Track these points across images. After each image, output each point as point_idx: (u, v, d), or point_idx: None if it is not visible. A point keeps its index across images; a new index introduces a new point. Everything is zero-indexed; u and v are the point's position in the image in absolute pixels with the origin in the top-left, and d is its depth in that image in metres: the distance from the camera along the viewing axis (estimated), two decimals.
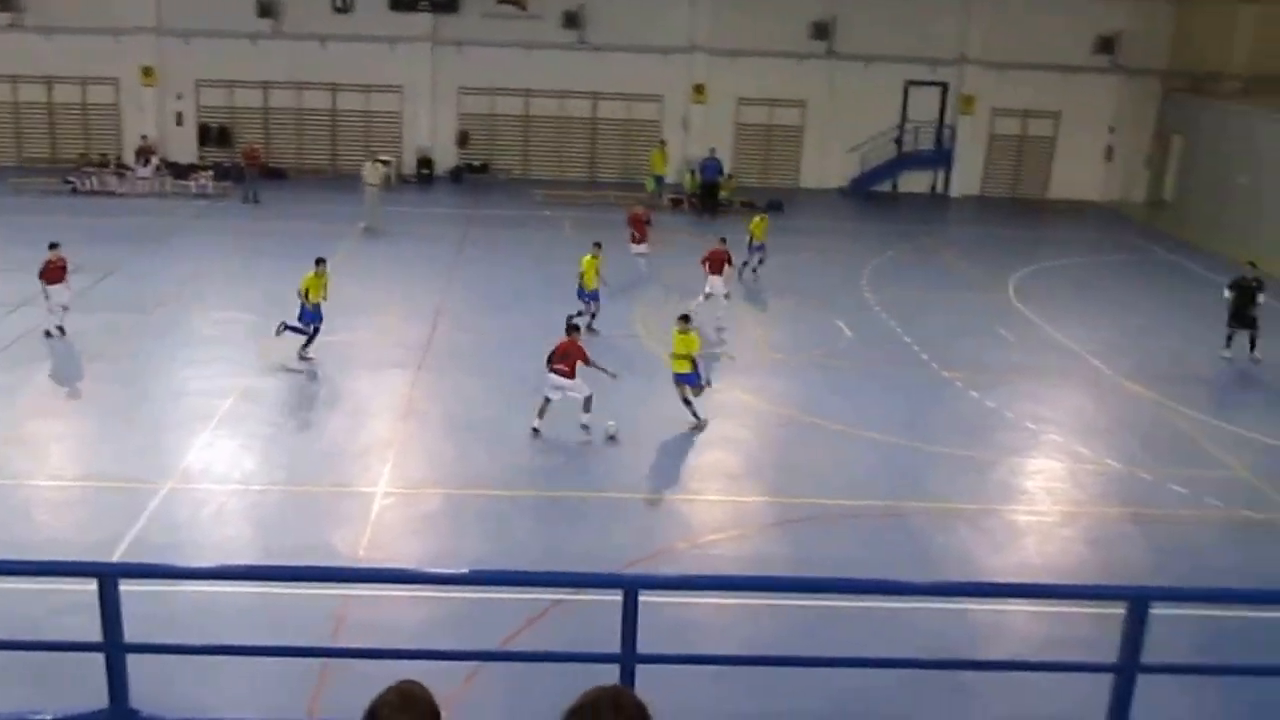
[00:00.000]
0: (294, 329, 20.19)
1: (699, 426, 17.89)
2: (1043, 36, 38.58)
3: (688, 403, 17.93)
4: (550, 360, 17.31)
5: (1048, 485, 16.94)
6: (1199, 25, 38.38)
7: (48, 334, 20.65)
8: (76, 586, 10.97)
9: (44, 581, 11.74)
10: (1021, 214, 38.46)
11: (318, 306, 20.35)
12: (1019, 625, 12.76)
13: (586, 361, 17.30)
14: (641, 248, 26.32)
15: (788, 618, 12.27)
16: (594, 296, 22.56)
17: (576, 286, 22.60)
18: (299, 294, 20.33)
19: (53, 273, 20.55)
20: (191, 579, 11.77)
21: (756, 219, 28.30)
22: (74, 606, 10.96)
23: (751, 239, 27.41)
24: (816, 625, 12.04)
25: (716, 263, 23.35)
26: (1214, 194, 35.51)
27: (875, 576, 9.83)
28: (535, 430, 17.28)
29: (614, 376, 17.67)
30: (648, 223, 26.81)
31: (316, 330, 20.33)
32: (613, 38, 38.44)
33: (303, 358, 20.26)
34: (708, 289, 23.25)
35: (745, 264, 27.12)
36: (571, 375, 17.18)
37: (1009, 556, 14.73)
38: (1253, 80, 37.49)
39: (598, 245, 23.24)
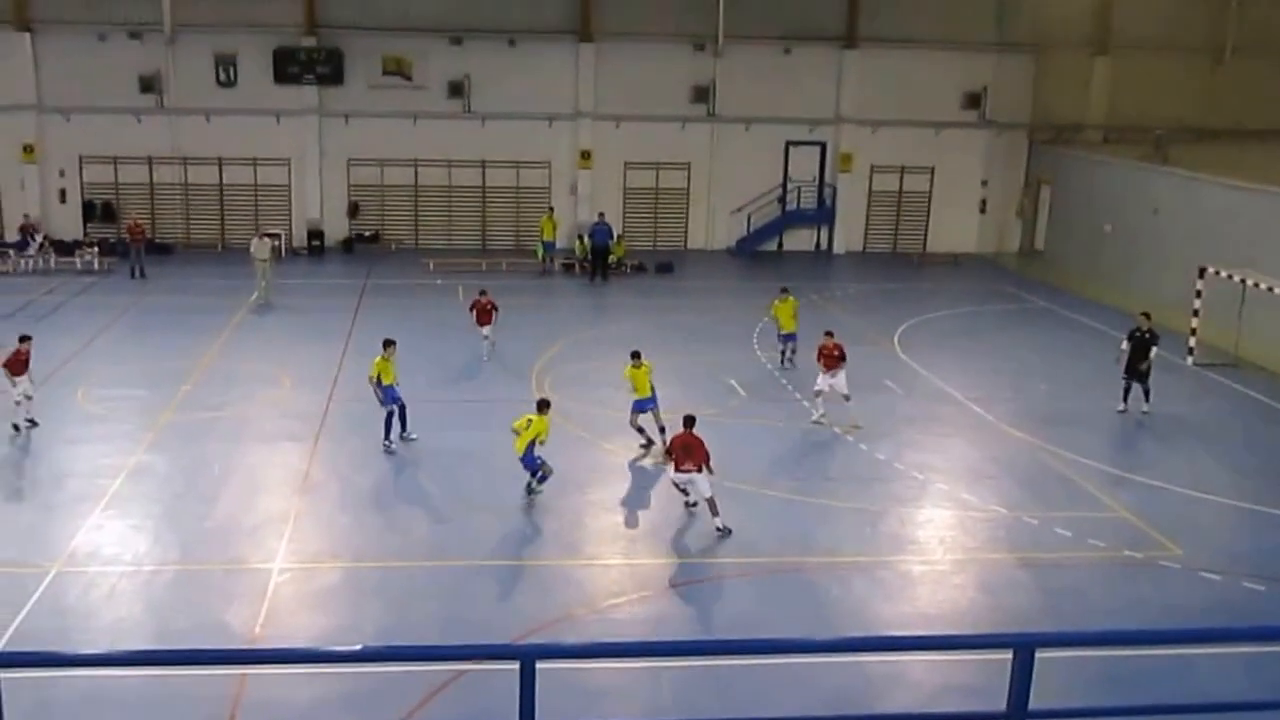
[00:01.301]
0: (389, 423, 19.81)
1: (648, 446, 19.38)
2: (913, 94, 40.11)
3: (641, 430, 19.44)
4: (669, 453, 17.59)
5: (938, 534, 17.33)
6: (1057, 79, 40.33)
7: (15, 429, 19.83)
8: None
9: None
10: (903, 268, 39.46)
11: (391, 387, 19.88)
12: (914, 675, 13.04)
13: (708, 459, 16.84)
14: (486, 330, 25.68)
15: (691, 678, 12.40)
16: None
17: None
18: (370, 380, 19.95)
19: (17, 364, 19.92)
20: (79, 666, 11.55)
21: (778, 302, 25.81)
22: None
23: (779, 327, 25.63)
24: (719, 685, 12.21)
25: (830, 358, 21.76)
26: (1083, 242, 36.97)
27: (774, 633, 10.00)
28: (723, 530, 16.71)
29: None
30: (493, 308, 25.71)
31: (403, 407, 19.96)
32: (498, 106, 38.90)
33: (404, 439, 20.02)
34: (819, 384, 21.76)
35: (781, 353, 25.65)
36: (698, 470, 16.72)
37: (903, 606, 15.05)
38: (1110, 130, 39.70)
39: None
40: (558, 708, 4.90)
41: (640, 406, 19.83)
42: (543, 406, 17.67)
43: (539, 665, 4.55)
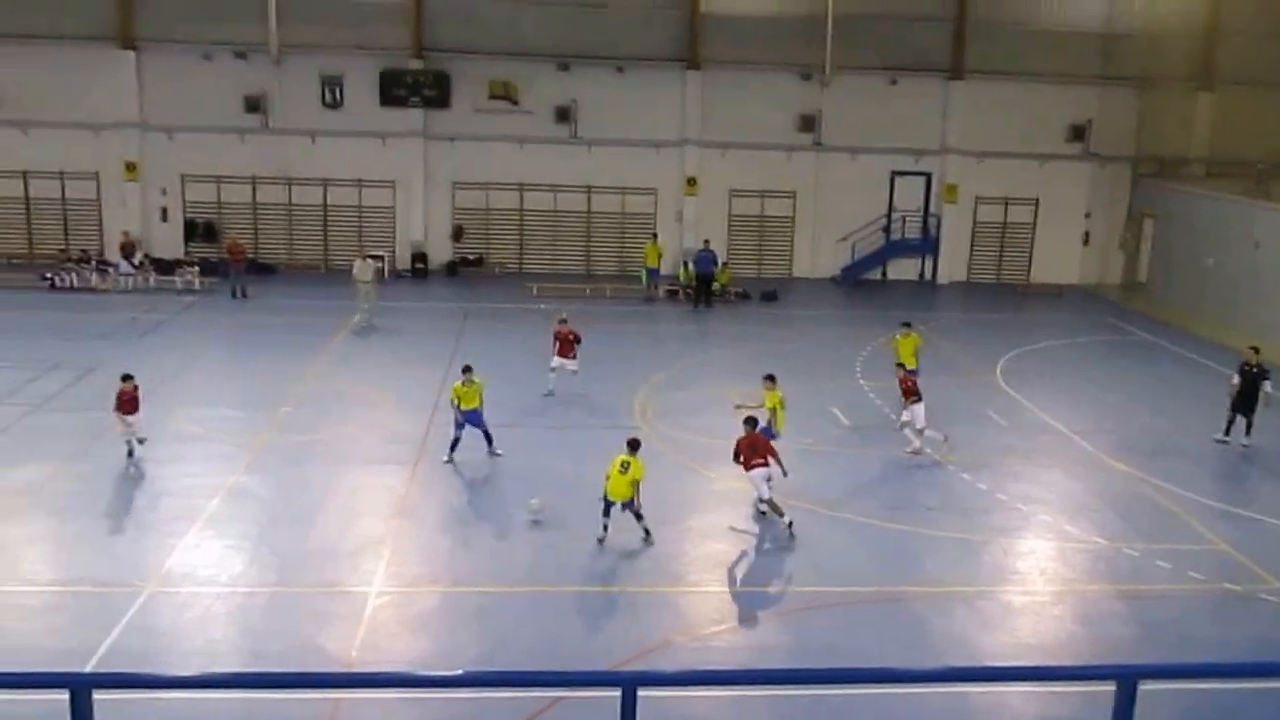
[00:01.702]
0: (454, 445, 19.92)
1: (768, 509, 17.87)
2: (1018, 125, 39.94)
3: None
4: (738, 457, 17.52)
5: (1039, 565, 17.18)
6: (1162, 112, 39.78)
7: (130, 454, 19.64)
8: (45, 698, 10.45)
9: (6, 693, 11.20)
10: (1006, 298, 38.95)
11: (471, 411, 19.90)
12: (1016, 706, 12.88)
13: (775, 453, 17.58)
14: (571, 363, 24.44)
15: (788, 708, 12.19)
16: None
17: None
18: (452, 403, 20.01)
19: (128, 403, 19.50)
20: (170, 688, 11.25)
21: (900, 336, 24.60)
22: (39, 718, 10.53)
23: (899, 362, 23.68)
24: (820, 714, 11.96)
25: (904, 390, 21.53)
26: (1186, 274, 36.41)
27: (875, 663, 9.74)
28: (791, 527, 17.40)
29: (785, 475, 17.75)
30: (575, 339, 24.48)
31: (486, 432, 20.06)
32: (604, 132, 38.85)
33: (490, 454, 20.11)
34: (904, 415, 21.51)
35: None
36: (765, 464, 17.41)
37: (1003, 637, 14.85)
38: (1213, 164, 39.25)
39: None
40: None
41: (767, 434, 18.84)
42: (634, 446, 16.93)
43: (640, 693, 4.33)
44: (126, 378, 19.69)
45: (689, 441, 21.47)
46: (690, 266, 36.37)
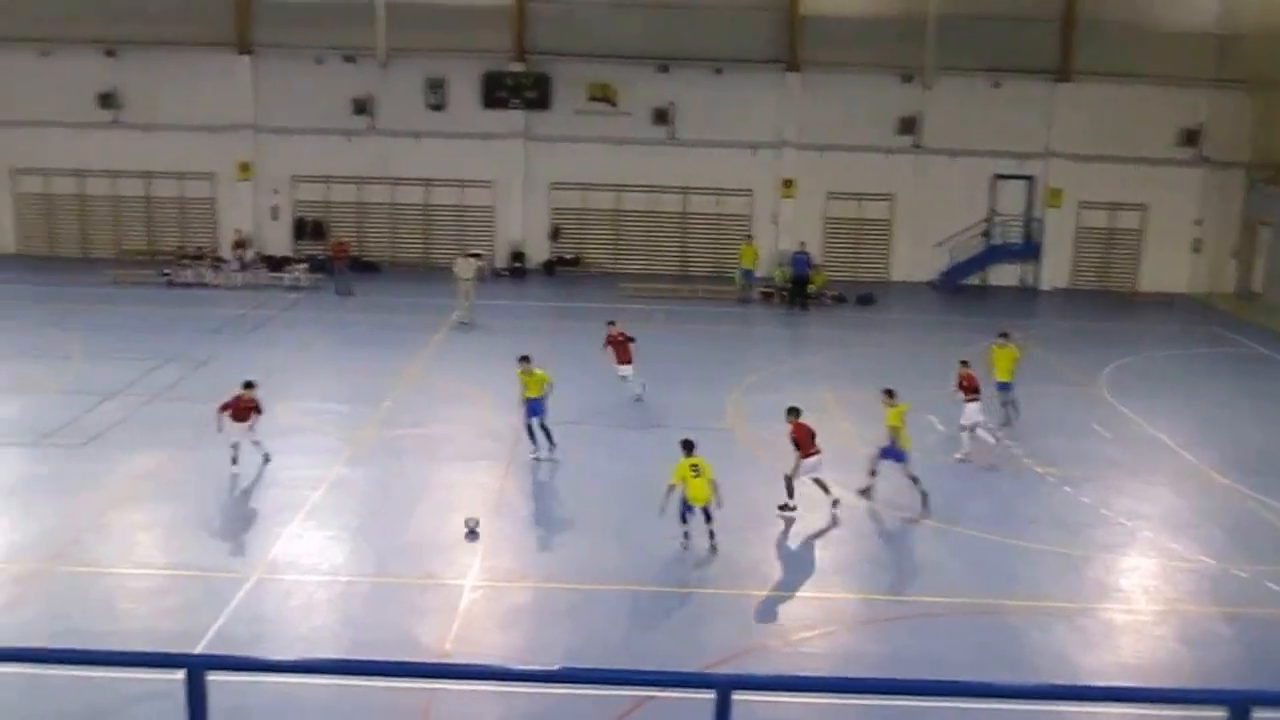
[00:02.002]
0: (531, 435, 20.23)
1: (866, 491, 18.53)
2: (1126, 129, 38.86)
3: (915, 480, 18.54)
4: (800, 447, 17.92)
5: (1142, 583, 16.65)
6: (1278, 116, 38.10)
7: (266, 458, 19.41)
8: (152, 676, 10.94)
9: (117, 670, 11.75)
10: (1111, 306, 37.98)
11: (532, 401, 20.19)
12: None
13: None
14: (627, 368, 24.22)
15: (874, 716, 11.92)
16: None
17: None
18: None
19: (240, 412, 19.13)
20: (278, 672, 11.68)
21: (996, 347, 23.44)
22: (147, 695, 11.02)
23: (994, 375, 23.04)
24: None
25: (970, 388, 21.20)
26: None
27: (969, 676, 9.52)
28: (837, 503, 18.11)
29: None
30: (627, 340, 24.21)
31: (543, 425, 20.26)
32: (702, 133, 38.97)
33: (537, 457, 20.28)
34: (963, 419, 21.19)
35: (1004, 405, 23.29)
36: (819, 453, 18.06)
37: (1104, 656, 14.42)
38: None
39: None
40: None
41: (890, 454, 18.59)
42: (690, 447, 16.80)
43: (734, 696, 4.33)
44: (248, 385, 19.37)
45: (782, 445, 21.39)
46: (785, 268, 36.33)
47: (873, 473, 18.77)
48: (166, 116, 38.96)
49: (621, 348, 24.06)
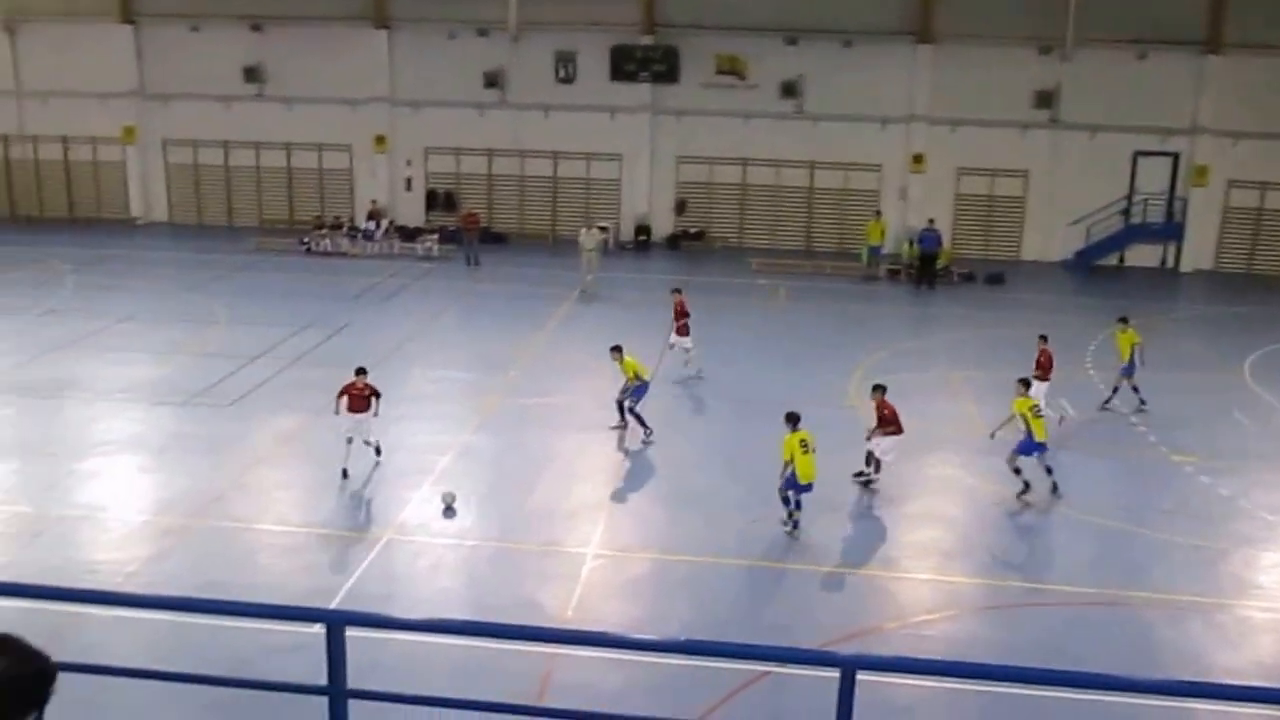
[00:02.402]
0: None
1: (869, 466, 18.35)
2: None
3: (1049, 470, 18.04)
4: (883, 424, 18.03)
5: None
6: None
7: (344, 474, 17.98)
8: (291, 629, 11.42)
9: (257, 622, 12.30)
10: (1258, 290, 36.30)
11: (635, 385, 20.32)
12: None
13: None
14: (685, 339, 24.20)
15: (993, 704, 11.88)
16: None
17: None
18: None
19: (354, 400, 17.99)
20: (410, 630, 12.09)
21: (1118, 333, 23.04)
22: (288, 648, 11.51)
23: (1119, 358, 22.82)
24: (1026, 714, 11.62)
25: (1042, 364, 21.14)
26: None
27: (1094, 668, 9.35)
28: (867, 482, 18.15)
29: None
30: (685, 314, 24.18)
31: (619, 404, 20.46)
32: (830, 107, 38.52)
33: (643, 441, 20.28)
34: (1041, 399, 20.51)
35: (1116, 389, 22.88)
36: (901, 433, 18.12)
37: (1242, 654, 13.86)
38: None
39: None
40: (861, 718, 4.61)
41: (1028, 449, 17.97)
42: (795, 419, 16.63)
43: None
44: (360, 371, 18.42)
45: (907, 425, 21.21)
46: (914, 245, 35.82)
47: (1017, 471, 18.04)
48: (307, 90, 40.12)
49: (682, 318, 24.08)
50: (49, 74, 41.04)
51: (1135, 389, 22.67)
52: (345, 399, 18.10)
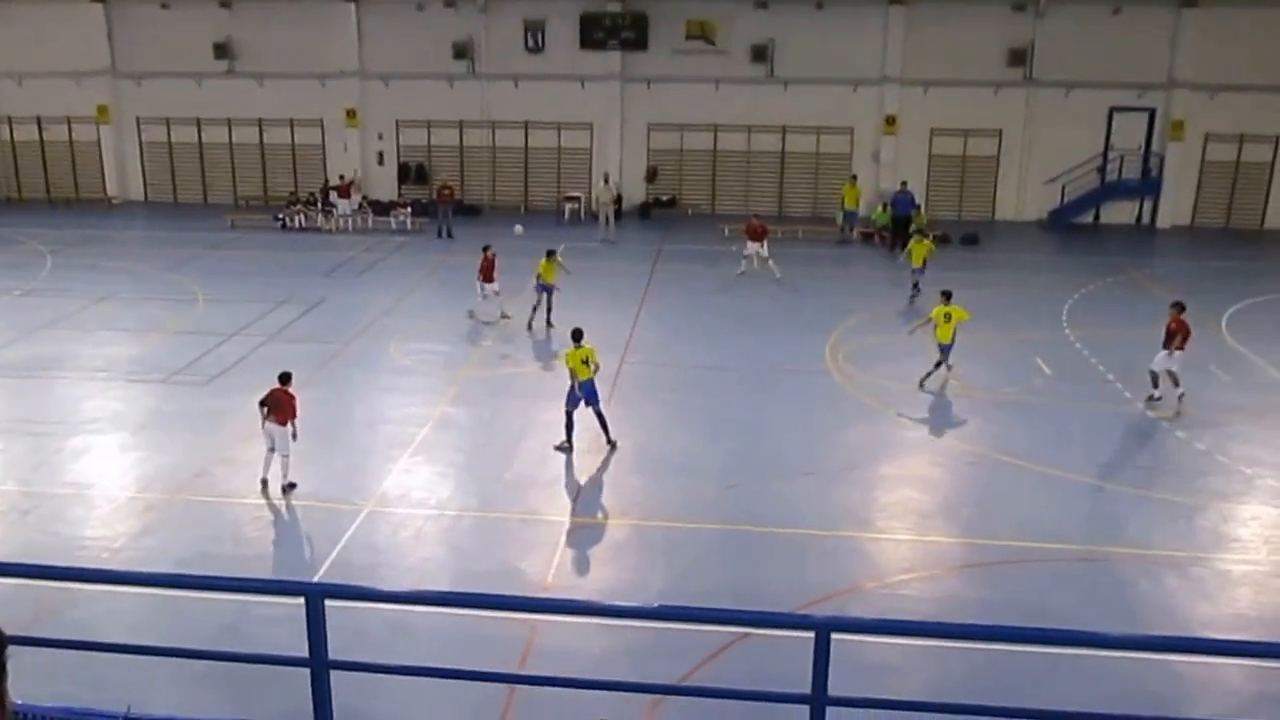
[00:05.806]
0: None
1: None
2: (1261, 56, 36.72)
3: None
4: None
5: (1263, 533, 15.88)
6: None
7: (264, 483, 16.57)
8: (281, 602, 11.41)
9: (249, 596, 12.34)
10: (1236, 245, 36.55)
11: (586, 383, 18.11)
12: (1231, 681, 11.96)
13: None
14: (761, 247, 26.18)
15: (979, 662, 11.86)
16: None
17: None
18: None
19: (281, 410, 16.51)
20: (390, 602, 12.13)
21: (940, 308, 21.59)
22: (277, 619, 11.52)
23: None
24: (1007, 672, 11.60)
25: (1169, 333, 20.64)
26: None
27: (1072, 624, 9.39)
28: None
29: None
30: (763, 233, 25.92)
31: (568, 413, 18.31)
32: (801, 70, 38.43)
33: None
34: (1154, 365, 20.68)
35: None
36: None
37: (1219, 607, 13.89)
38: None
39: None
40: (838, 680, 4.65)
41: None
42: (578, 337, 17.98)
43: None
44: (284, 377, 16.82)
45: (881, 386, 21.36)
46: (887, 209, 35.82)
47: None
48: (277, 65, 39.85)
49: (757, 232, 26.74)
50: (22, 54, 40.68)
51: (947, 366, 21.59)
52: (266, 409, 16.47)
